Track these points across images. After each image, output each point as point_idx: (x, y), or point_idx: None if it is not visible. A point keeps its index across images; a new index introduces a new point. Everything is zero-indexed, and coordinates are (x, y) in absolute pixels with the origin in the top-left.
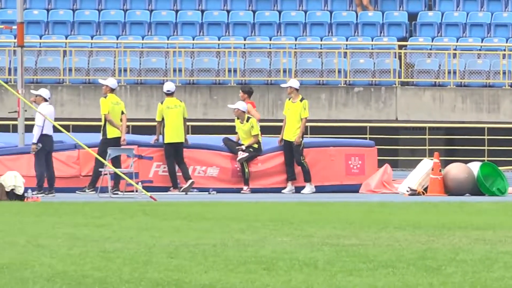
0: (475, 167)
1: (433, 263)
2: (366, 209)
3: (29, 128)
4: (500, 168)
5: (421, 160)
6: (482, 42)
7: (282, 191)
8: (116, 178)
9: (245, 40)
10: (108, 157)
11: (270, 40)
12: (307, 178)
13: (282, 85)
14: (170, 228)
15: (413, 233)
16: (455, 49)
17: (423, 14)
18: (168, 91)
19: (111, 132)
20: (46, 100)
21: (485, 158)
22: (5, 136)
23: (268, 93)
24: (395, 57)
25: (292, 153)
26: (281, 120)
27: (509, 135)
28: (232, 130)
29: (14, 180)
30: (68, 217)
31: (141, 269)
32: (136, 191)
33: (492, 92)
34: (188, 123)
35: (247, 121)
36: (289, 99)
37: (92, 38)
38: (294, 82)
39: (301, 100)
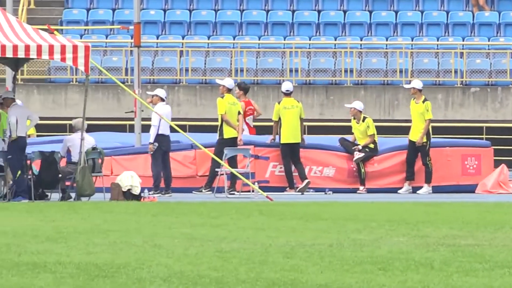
0: None
1: None
2: (482, 209)
3: (145, 128)
4: None
5: None
6: None
7: (399, 191)
8: (232, 178)
9: (361, 40)
10: (224, 157)
11: (387, 40)
12: (428, 179)
13: (405, 86)
14: (286, 228)
15: None
16: None
17: None
18: (287, 90)
19: (228, 132)
20: (163, 100)
21: None
22: (121, 136)
23: (385, 93)
24: None
25: (414, 153)
26: (397, 121)
27: None
28: (348, 130)
29: (131, 180)
30: (184, 217)
31: (257, 269)
32: (253, 191)
33: None
34: (304, 123)
35: (363, 121)
36: (413, 100)
37: (208, 38)
38: (416, 83)
39: (423, 101)
